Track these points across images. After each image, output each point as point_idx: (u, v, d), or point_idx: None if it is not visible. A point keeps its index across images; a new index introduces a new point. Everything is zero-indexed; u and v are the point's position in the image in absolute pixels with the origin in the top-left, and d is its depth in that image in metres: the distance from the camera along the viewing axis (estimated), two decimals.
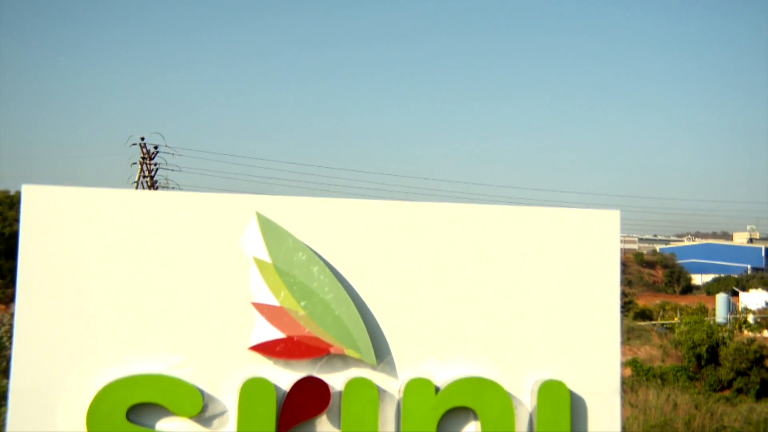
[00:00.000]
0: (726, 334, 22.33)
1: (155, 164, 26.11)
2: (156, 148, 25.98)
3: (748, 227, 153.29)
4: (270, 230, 2.59)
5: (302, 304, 2.55)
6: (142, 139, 25.75)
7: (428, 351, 2.67)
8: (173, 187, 26.09)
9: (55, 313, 2.49)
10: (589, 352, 2.77)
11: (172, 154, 25.84)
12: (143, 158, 25.90)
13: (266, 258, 2.57)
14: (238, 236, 2.59)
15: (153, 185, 26.13)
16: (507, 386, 2.63)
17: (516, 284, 2.74)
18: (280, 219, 2.61)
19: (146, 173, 26.09)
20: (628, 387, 17.82)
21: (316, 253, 2.60)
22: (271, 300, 2.55)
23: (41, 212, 2.53)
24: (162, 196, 2.66)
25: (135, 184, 25.85)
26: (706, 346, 21.07)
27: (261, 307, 2.55)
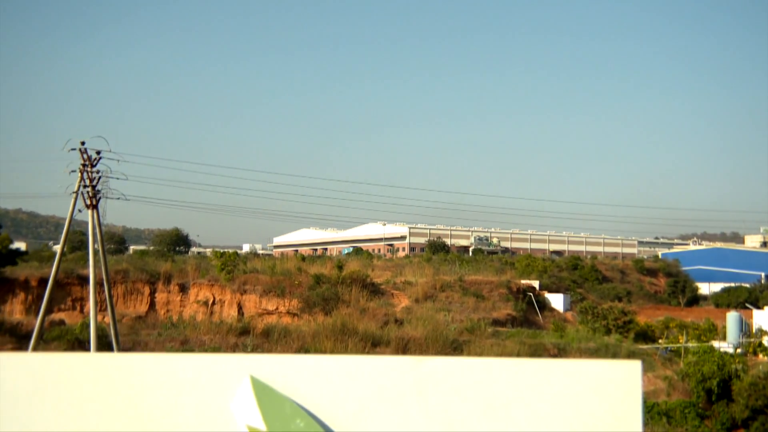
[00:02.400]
0: (740, 366, 22.65)
1: (98, 172, 25.91)
2: (98, 153, 25.76)
3: (761, 229, 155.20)
4: (265, 395, 2.65)
5: None
6: (83, 143, 25.53)
7: None
8: (118, 198, 26.05)
9: None
10: None
11: (118, 161, 25.69)
12: (84, 165, 25.67)
13: (261, 426, 2.63)
14: (230, 402, 2.66)
15: (95, 196, 25.96)
16: None
17: None
18: (276, 380, 2.69)
19: (87, 182, 25.89)
20: None
21: (314, 417, 2.68)
22: None
23: (15, 380, 2.59)
24: (146, 359, 2.73)
25: (74, 195, 25.65)
26: (717, 379, 21.37)
27: None
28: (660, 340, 42.94)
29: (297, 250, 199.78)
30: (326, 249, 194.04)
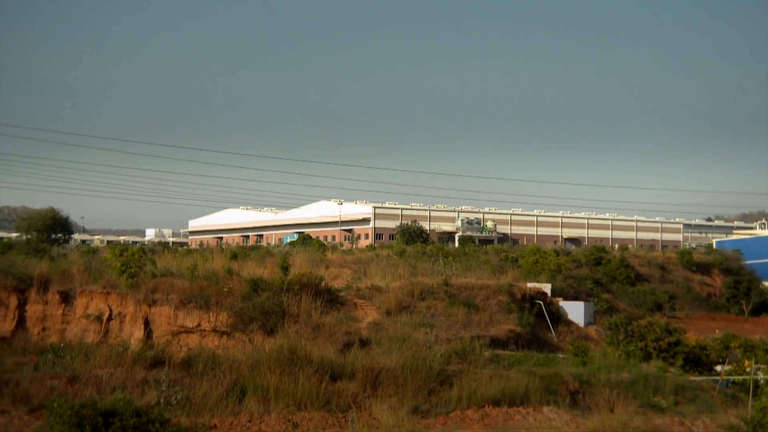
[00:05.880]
0: None
1: None
2: None
3: None
4: None
5: None
6: None
7: None
8: None
9: None
10: None
11: None
12: None
13: None
14: None
15: None
16: None
17: None
18: None
19: None
20: None
21: None
22: None
23: None
24: None
25: None
26: None
27: None
28: (718, 367, 43.16)
29: (221, 238, 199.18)
30: (261, 236, 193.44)
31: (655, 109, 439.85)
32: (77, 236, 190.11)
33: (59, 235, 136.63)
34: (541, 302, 56.92)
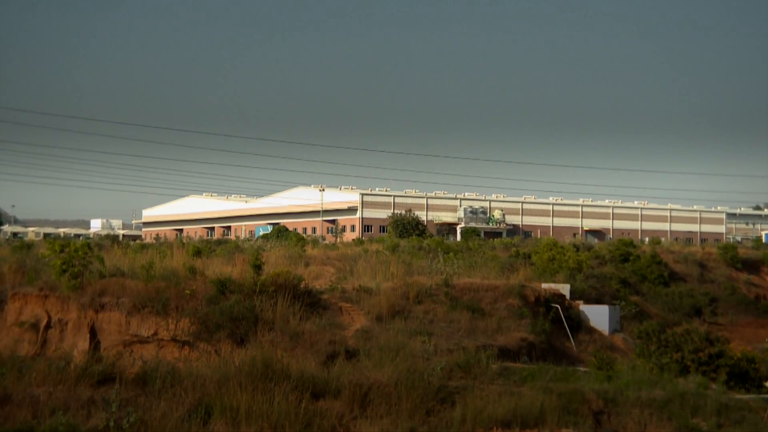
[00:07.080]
0: None
1: None
2: None
3: None
4: None
5: None
6: None
7: None
8: None
9: None
10: None
11: None
12: None
13: None
14: None
15: None
16: None
17: None
18: None
19: None
20: None
21: None
22: None
23: None
24: None
25: None
26: None
27: None
28: None
29: (181, 230, 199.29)
30: (228, 228, 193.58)
31: (693, 85, 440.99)
32: (7, 228, 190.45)
33: None
34: (558, 306, 56.95)
